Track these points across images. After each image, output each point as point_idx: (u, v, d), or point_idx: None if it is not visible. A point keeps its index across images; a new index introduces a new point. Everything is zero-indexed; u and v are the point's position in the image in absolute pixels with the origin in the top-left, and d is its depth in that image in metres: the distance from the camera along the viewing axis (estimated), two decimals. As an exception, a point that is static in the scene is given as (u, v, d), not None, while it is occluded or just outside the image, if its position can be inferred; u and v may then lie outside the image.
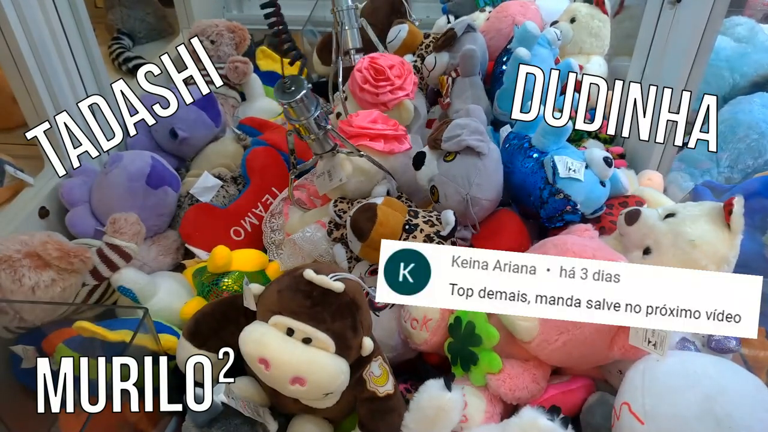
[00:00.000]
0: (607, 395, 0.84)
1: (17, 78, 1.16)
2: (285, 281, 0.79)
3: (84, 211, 1.20)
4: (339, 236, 1.05)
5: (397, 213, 0.97)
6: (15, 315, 0.93)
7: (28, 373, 0.97)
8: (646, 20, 1.23)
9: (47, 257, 0.93)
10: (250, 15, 2.13)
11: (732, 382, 0.68)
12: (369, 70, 1.19)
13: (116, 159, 1.21)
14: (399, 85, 1.20)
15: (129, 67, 1.93)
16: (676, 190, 1.33)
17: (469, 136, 0.99)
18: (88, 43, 1.29)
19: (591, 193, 1.00)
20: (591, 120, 1.32)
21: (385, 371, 0.83)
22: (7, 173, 1.23)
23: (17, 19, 1.10)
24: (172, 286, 1.11)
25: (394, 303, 0.71)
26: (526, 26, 1.23)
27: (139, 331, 0.84)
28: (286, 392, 0.77)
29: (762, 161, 1.37)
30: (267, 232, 1.21)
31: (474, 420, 0.83)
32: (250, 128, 1.44)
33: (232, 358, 0.90)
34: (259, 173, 1.28)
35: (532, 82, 0.88)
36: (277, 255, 1.17)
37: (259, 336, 0.76)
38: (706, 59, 1.11)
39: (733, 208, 0.81)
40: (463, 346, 0.87)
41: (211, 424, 0.78)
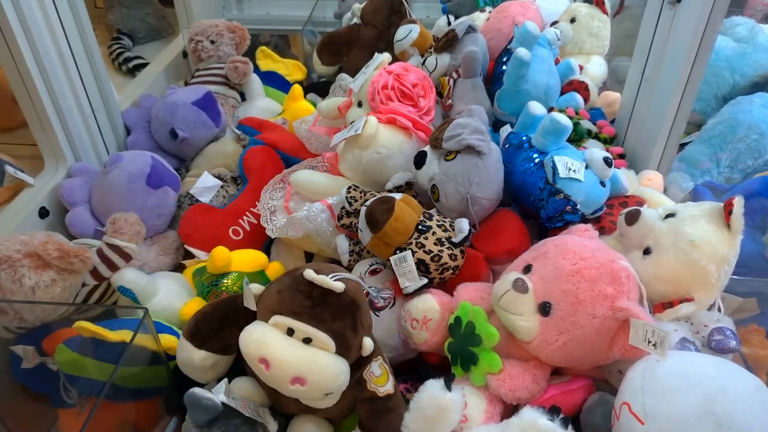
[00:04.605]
0: (607, 395, 0.84)
1: (17, 78, 1.16)
2: (285, 281, 0.79)
3: (84, 211, 1.20)
4: (348, 224, 1.05)
5: (412, 211, 0.97)
6: (15, 315, 0.93)
7: (28, 373, 0.97)
8: (646, 20, 1.23)
9: (47, 257, 0.93)
10: (250, 15, 2.14)
11: (732, 382, 0.68)
12: (395, 91, 1.17)
13: (116, 159, 1.21)
14: (424, 109, 1.20)
15: (129, 67, 1.93)
16: (676, 190, 1.33)
17: (469, 135, 0.99)
18: (88, 43, 1.30)
19: (591, 193, 1.00)
20: (591, 120, 1.33)
21: (385, 371, 0.83)
22: (7, 173, 1.23)
23: (17, 19, 1.10)
24: (172, 286, 1.11)
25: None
26: (526, 26, 1.23)
27: (139, 331, 0.84)
28: (286, 392, 0.77)
29: (762, 161, 1.37)
30: (265, 199, 1.20)
31: (474, 420, 0.83)
32: (249, 128, 1.44)
33: (233, 359, 0.90)
34: (257, 172, 1.28)
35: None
36: (269, 221, 1.16)
37: (260, 336, 0.76)
38: (706, 59, 1.11)
39: (733, 208, 0.81)
40: (463, 346, 0.87)
41: (211, 424, 0.78)
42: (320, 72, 1.73)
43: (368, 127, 1.06)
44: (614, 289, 0.78)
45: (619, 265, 0.81)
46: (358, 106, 1.24)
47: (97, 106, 1.35)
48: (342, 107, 1.29)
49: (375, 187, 1.11)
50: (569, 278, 0.80)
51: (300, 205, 1.13)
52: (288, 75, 1.78)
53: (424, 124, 1.16)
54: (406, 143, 1.12)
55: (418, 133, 1.14)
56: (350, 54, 1.65)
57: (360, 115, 1.13)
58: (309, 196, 1.15)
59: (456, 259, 0.96)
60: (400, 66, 1.21)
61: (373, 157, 1.09)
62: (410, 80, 1.19)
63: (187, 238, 1.20)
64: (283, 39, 2.26)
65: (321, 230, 1.08)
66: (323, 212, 1.09)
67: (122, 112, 1.45)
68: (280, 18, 2.11)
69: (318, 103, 1.41)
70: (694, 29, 1.07)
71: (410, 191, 1.09)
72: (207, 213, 1.23)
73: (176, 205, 1.28)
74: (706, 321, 0.88)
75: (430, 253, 0.94)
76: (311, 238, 1.09)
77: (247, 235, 1.22)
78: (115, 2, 2.10)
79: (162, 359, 0.93)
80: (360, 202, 1.02)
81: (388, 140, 1.10)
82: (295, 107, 1.53)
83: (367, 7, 1.63)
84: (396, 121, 1.12)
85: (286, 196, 1.18)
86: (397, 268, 0.94)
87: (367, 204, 0.97)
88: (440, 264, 0.94)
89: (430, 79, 1.26)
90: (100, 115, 1.36)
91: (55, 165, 1.27)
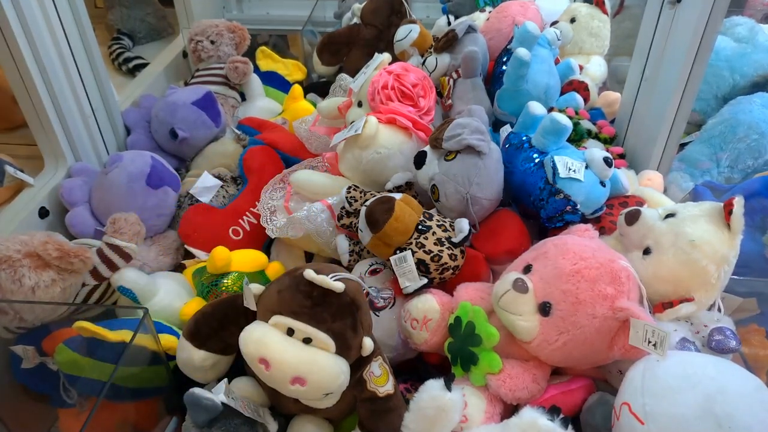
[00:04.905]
0: (607, 395, 0.84)
1: (17, 78, 1.16)
2: (285, 281, 0.79)
3: (84, 211, 1.20)
4: (348, 224, 1.05)
5: (412, 211, 0.97)
6: (15, 315, 0.93)
7: (28, 373, 0.97)
8: (646, 20, 1.23)
9: (47, 257, 0.93)
10: (250, 15, 2.14)
11: (732, 382, 0.68)
12: (395, 91, 1.18)
13: (116, 159, 1.21)
14: (424, 109, 1.20)
15: (129, 67, 1.93)
16: (676, 190, 1.33)
17: (469, 135, 0.99)
18: (88, 43, 1.29)
19: (591, 193, 1.00)
20: (591, 120, 1.33)
21: (385, 371, 0.83)
22: (7, 173, 1.23)
23: (17, 19, 1.10)
24: (172, 286, 1.11)
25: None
26: (526, 26, 1.23)
27: (139, 331, 0.84)
28: (286, 392, 0.77)
29: (762, 161, 1.37)
30: (265, 199, 1.20)
31: (474, 420, 0.83)
32: (249, 128, 1.44)
33: (233, 359, 0.90)
34: (257, 172, 1.28)
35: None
36: (269, 221, 1.16)
37: (260, 336, 0.76)
38: (706, 59, 1.11)
39: (733, 208, 0.81)
40: (463, 346, 0.87)
41: (211, 424, 0.78)
42: (320, 72, 1.73)
43: (368, 127, 1.06)
44: (614, 289, 0.78)
45: (619, 265, 0.81)
46: (358, 106, 1.24)
47: (97, 106, 1.34)
48: (342, 107, 1.29)
49: (375, 187, 1.11)
50: (569, 278, 0.80)
51: (300, 205, 1.13)
52: (288, 75, 1.78)
53: (424, 124, 1.16)
54: (406, 143, 1.12)
55: (418, 133, 1.14)
56: (350, 54, 1.65)
57: (360, 115, 1.13)
58: (309, 196, 1.15)
59: (456, 259, 0.96)
60: (400, 66, 1.21)
61: (373, 157, 1.09)
62: (410, 80, 1.19)
63: (187, 238, 1.20)
64: (282, 39, 2.26)
65: (321, 230, 1.08)
66: (323, 212, 1.09)
67: (122, 112, 1.45)
68: (280, 18, 2.11)
69: (318, 103, 1.41)
70: (694, 29, 1.07)
71: (410, 191, 1.09)
72: (207, 213, 1.23)
73: (176, 205, 1.28)
74: (706, 321, 0.88)
75: (430, 253, 0.94)
76: (311, 238, 1.09)
77: (247, 235, 1.22)
78: (115, 2, 2.10)
79: (162, 359, 0.92)
80: (360, 202, 1.02)
81: (388, 140, 1.10)
82: (295, 107, 1.53)
83: (367, 7, 1.63)
84: (396, 121, 1.12)
85: (286, 196, 1.18)
86: (397, 268, 0.94)
87: (367, 204, 0.97)
88: (440, 264, 0.94)
89: (430, 79, 1.26)
90: (100, 115, 1.36)
91: (55, 165, 1.27)
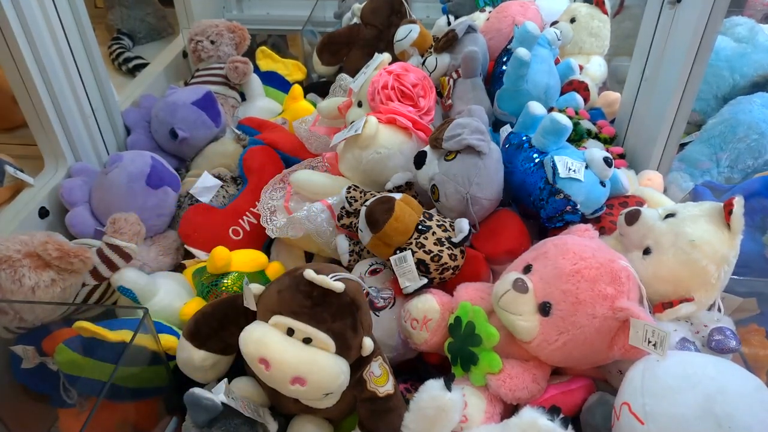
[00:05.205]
0: (607, 395, 0.84)
1: (17, 78, 1.16)
2: (285, 281, 0.79)
3: (84, 211, 1.20)
4: (348, 224, 1.05)
5: (412, 211, 0.97)
6: (15, 315, 0.93)
7: (28, 373, 0.97)
8: (646, 20, 1.23)
9: (47, 257, 0.93)
10: (250, 15, 2.14)
11: (732, 382, 0.68)
12: (395, 91, 1.18)
13: (116, 159, 1.21)
14: (424, 109, 1.20)
15: (129, 67, 1.93)
16: (676, 190, 1.33)
17: (469, 135, 0.99)
18: (88, 43, 1.29)
19: (591, 193, 1.00)
20: (591, 120, 1.33)
21: (385, 371, 0.83)
22: (7, 173, 1.23)
23: (17, 19, 1.10)
24: (172, 286, 1.11)
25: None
26: (526, 26, 1.23)
27: (139, 331, 0.84)
28: (286, 392, 0.77)
29: (762, 161, 1.37)
30: (265, 199, 1.20)
31: (474, 420, 0.83)
32: (249, 128, 1.44)
33: (233, 359, 0.90)
34: (257, 172, 1.28)
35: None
36: (269, 221, 1.16)
37: (260, 336, 0.76)
38: (706, 59, 1.11)
39: (733, 208, 0.81)
40: (463, 346, 0.87)
41: (211, 424, 0.78)
42: (320, 72, 1.73)
43: (368, 127, 1.06)
44: (614, 289, 0.78)
45: (619, 265, 0.81)
46: (358, 106, 1.24)
47: (97, 106, 1.34)
48: (342, 107, 1.29)
49: (375, 187, 1.11)
50: (569, 278, 0.80)
51: (300, 205, 1.13)
52: (288, 75, 1.78)
53: (424, 124, 1.16)
54: (406, 143, 1.12)
55: (418, 133, 1.14)
56: (350, 54, 1.65)
57: (360, 115, 1.13)
58: (309, 196, 1.15)
59: (456, 259, 0.96)
60: (400, 66, 1.21)
61: (373, 157, 1.09)
62: (410, 80, 1.19)
63: (187, 238, 1.20)
64: (282, 39, 2.26)
65: (321, 230, 1.08)
66: (323, 212, 1.09)
67: (122, 112, 1.45)
68: (280, 18, 2.11)
69: (318, 103, 1.41)
70: (694, 29, 1.07)
71: (410, 191, 1.09)
72: (207, 213, 1.23)
73: (176, 205, 1.27)
74: (706, 321, 0.88)
75: (430, 253, 0.94)
76: (311, 238, 1.09)
77: (247, 235, 1.22)
78: (115, 2, 2.10)
79: (162, 359, 0.92)
80: (360, 202, 1.02)
81: (388, 140, 1.10)
82: (295, 107, 1.53)
83: (367, 7, 1.63)
84: (396, 121, 1.12)
85: (286, 196, 1.18)
86: (397, 268, 0.94)
87: (367, 204, 0.97)
88: (440, 264, 0.94)
89: (430, 79, 1.26)
90: (100, 115, 1.36)
91: (55, 165, 1.27)
